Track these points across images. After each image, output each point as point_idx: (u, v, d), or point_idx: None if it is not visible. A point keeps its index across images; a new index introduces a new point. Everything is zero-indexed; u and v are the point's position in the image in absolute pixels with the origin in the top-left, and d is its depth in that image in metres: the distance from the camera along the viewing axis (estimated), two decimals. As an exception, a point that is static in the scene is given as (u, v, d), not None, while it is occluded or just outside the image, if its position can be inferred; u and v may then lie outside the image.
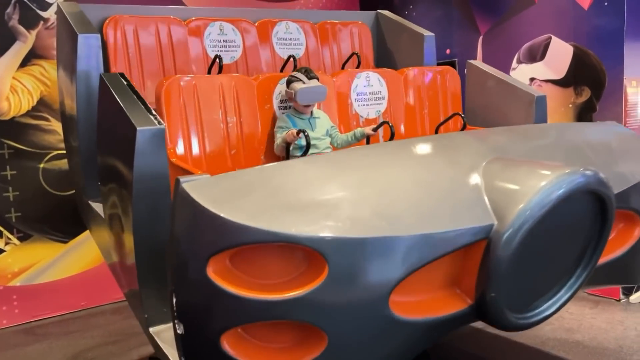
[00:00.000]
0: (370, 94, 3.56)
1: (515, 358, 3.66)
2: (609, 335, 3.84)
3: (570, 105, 4.67)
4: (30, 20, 4.53)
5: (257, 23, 3.93)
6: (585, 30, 4.53)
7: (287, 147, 2.95)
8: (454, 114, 3.61)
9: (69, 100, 3.09)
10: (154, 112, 2.27)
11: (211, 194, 1.64)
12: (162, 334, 2.27)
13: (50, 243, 4.72)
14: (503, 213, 1.76)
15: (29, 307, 4.61)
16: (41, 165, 4.64)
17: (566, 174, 1.80)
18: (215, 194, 1.66)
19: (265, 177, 1.77)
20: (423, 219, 1.73)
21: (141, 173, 2.14)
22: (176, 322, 1.72)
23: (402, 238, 1.67)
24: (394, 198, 1.77)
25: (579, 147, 2.37)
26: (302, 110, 3.09)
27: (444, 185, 1.86)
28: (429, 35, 4.09)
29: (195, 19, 3.68)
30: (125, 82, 2.49)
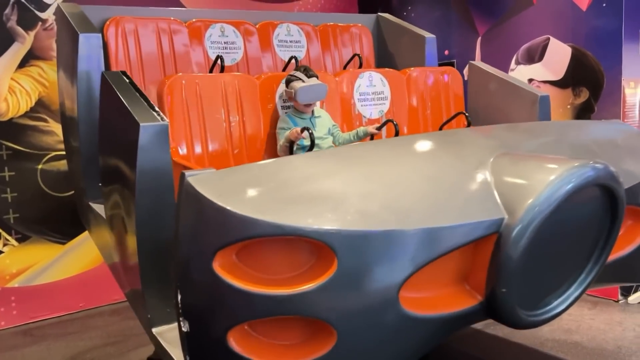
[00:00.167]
0: (373, 94, 3.56)
1: (514, 359, 3.66)
2: (607, 336, 3.84)
3: (569, 106, 4.68)
4: (28, 21, 4.52)
5: (258, 25, 3.93)
6: (583, 31, 4.54)
7: (290, 147, 2.92)
8: (458, 113, 3.61)
9: (70, 101, 3.09)
10: (157, 109, 2.25)
11: (217, 188, 1.62)
12: (165, 334, 2.24)
13: (48, 244, 4.71)
14: (514, 207, 1.74)
15: (27, 308, 4.60)
16: (39, 167, 4.63)
17: (577, 166, 1.78)
18: (221, 187, 1.63)
19: (271, 171, 1.76)
20: (433, 212, 1.71)
21: (144, 170, 2.12)
22: (181, 319, 1.69)
23: (413, 231, 1.65)
24: (402, 192, 1.75)
25: (585, 144, 2.36)
26: (303, 110, 3.07)
27: (452, 179, 1.84)
28: (430, 37, 4.09)
29: (196, 20, 3.68)
30: (127, 80, 2.48)
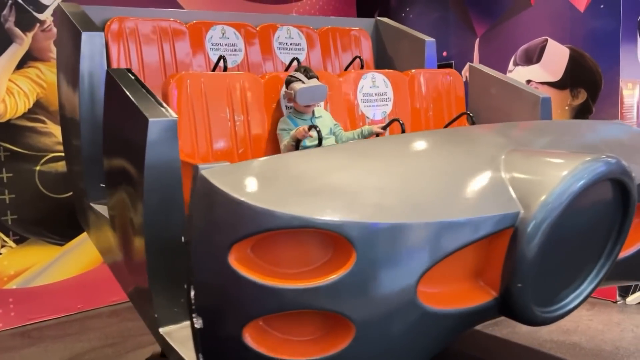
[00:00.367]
0: (376, 95, 3.57)
1: (514, 359, 3.66)
2: (605, 337, 3.85)
3: (567, 107, 4.68)
4: (26, 22, 4.52)
5: (259, 27, 3.93)
6: (581, 32, 4.55)
7: (296, 146, 2.90)
8: (463, 114, 3.61)
9: (71, 101, 3.07)
10: (165, 105, 2.23)
11: (231, 181, 1.60)
12: (173, 333, 2.21)
13: (46, 246, 4.71)
14: (529, 201, 1.74)
15: (25, 310, 4.60)
16: (37, 168, 4.63)
17: (591, 160, 1.79)
18: (236, 180, 1.61)
19: (285, 165, 1.74)
20: (450, 206, 1.71)
21: (152, 165, 2.09)
22: (194, 316, 1.67)
23: (430, 224, 1.64)
24: (417, 186, 1.74)
25: (591, 142, 2.37)
26: (303, 111, 3.05)
27: (466, 174, 1.84)
28: (430, 40, 4.10)
29: (196, 22, 3.68)
30: (133, 77, 2.46)
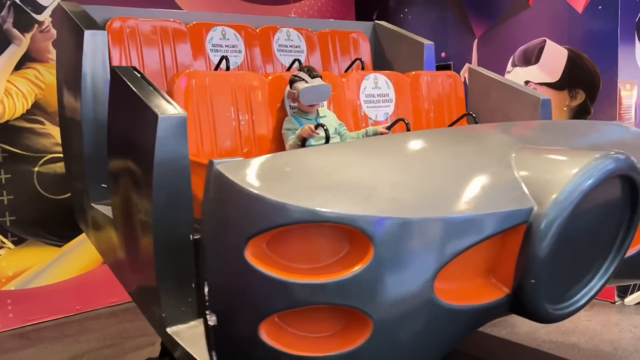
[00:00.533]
0: (378, 96, 3.58)
1: (513, 359, 3.66)
2: (604, 338, 3.85)
3: (565, 108, 4.69)
4: (24, 23, 4.52)
5: (259, 29, 3.94)
6: (579, 33, 4.55)
7: (302, 146, 2.89)
8: (466, 114, 3.62)
9: (71, 101, 3.06)
10: (173, 102, 2.22)
11: (247, 175, 1.58)
12: (181, 333, 2.18)
13: (44, 247, 4.71)
14: (542, 198, 1.74)
15: (23, 311, 4.59)
16: (36, 169, 4.62)
17: (602, 157, 1.80)
18: (251, 175, 1.60)
19: (299, 160, 1.73)
20: (465, 201, 1.71)
21: (162, 162, 2.07)
22: (208, 313, 1.65)
23: (447, 219, 1.65)
24: (432, 182, 1.75)
25: (595, 140, 2.39)
26: (308, 110, 3.04)
27: (479, 170, 1.85)
28: (428, 43, 4.11)
29: (196, 23, 3.68)
30: (139, 74, 2.44)
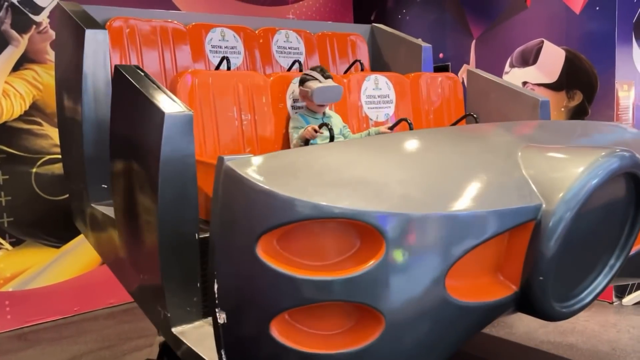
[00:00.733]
0: (379, 97, 3.59)
1: (513, 359, 3.67)
2: (602, 338, 3.86)
3: (563, 109, 4.70)
4: (22, 24, 4.51)
5: (258, 31, 3.95)
6: (577, 34, 4.57)
7: (305, 145, 2.90)
8: (467, 115, 3.64)
9: (71, 101, 3.05)
10: (178, 100, 2.21)
11: (258, 171, 1.59)
12: (187, 333, 2.18)
13: (42, 248, 4.69)
14: (550, 195, 1.76)
15: (21, 312, 4.57)
16: (34, 170, 4.61)
17: (608, 155, 1.82)
18: (262, 171, 1.59)
19: (308, 157, 1.73)
20: (475, 198, 1.72)
21: (168, 160, 2.07)
22: (217, 310, 1.65)
23: (458, 216, 1.65)
24: (442, 178, 1.76)
25: (597, 140, 2.41)
26: (316, 110, 3.07)
27: (487, 168, 1.86)
28: (426, 46, 4.13)
29: (196, 24, 3.69)
30: (142, 73, 2.44)
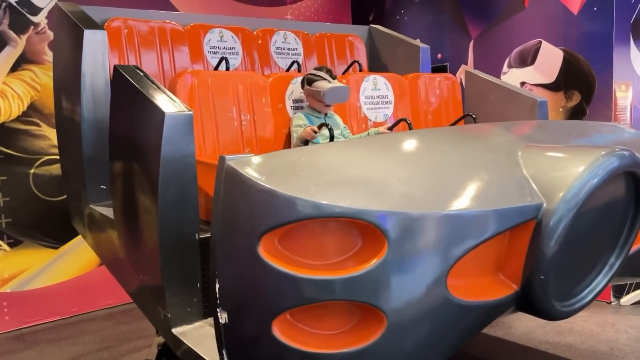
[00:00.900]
0: (377, 97, 3.60)
1: (512, 359, 3.68)
2: (600, 338, 3.87)
3: (561, 109, 4.71)
4: (20, 25, 4.50)
5: (256, 32, 3.95)
6: (575, 35, 4.58)
7: (305, 145, 2.90)
8: (466, 115, 3.65)
9: (70, 101, 3.04)
10: (178, 100, 2.21)
11: (259, 171, 1.59)
12: (188, 334, 2.17)
13: (41, 249, 4.68)
14: (551, 195, 1.77)
15: (19, 313, 4.56)
16: (32, 171, 4.61)
17: (608, 154, 1.83)
18: (263, 170, 1.59)
19: (309, 156, 1.73)
20: (475, 197, 1.72)
21: (168, 160, 2.07)
22: (219, 310, 1.65)
23: (460, 214, 1.66)
24: (443, 177, 1.76)
25: (596, 140, 2.42)
26: (321, 109, 3.08)
27: (488, 167, 1.86)
28: (424, 46, 4.14)
29: (194, 24, 3.69)
30: (142, 73, 2.43)
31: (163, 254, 2.13)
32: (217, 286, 1.64)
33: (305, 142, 2.90)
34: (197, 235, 2.17)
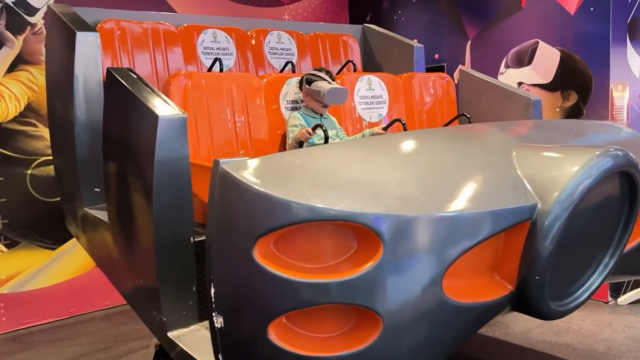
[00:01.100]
0: (372, 97, 3.59)
1: (511, 359, 3.68)
2: (597, 338, 3.87)
3: (558, 109, 4.71)
4: (17, 25, 4.50)
5: (250, 32, 3.95)
6: (572, 35, 4.57)
7: (300, 147, 2.91)
8: (460, 115, 3.64)
9: (63, 104, 3.03)
10: (172, 102, 2.21)
11: (254, 174, 1.59)
12: (183, 337, 2.17)
13: (38, 250, 4.68)
14: (545, 195, 1.77)
15: (16, 314, 4.56)
16: (28, 172, 4.61)
17: (602, 154, 1.84)
18: (258, 174, 1.60)
19: (304, 159, 1.73)
20: (471, 198, 1.73)
21: (163, 163, 2.07)
22: (214, 314, 1.65)
23: (455, 216, 1.66)
24: (438, 179, 1.76)
25: (592, 139, 2.43)
26: (319, 110, 3.09)
27: (483, 168, 1.87)
28: (418, 46, 4.14)
29: (187, 25, 3.68)
30: (135, 75, 2.43)
31: (158, 257, 2.12)
32: (213, 290, 1.64)
33: (300, 143, 2.90)
34: (192, 238, 2.17)
